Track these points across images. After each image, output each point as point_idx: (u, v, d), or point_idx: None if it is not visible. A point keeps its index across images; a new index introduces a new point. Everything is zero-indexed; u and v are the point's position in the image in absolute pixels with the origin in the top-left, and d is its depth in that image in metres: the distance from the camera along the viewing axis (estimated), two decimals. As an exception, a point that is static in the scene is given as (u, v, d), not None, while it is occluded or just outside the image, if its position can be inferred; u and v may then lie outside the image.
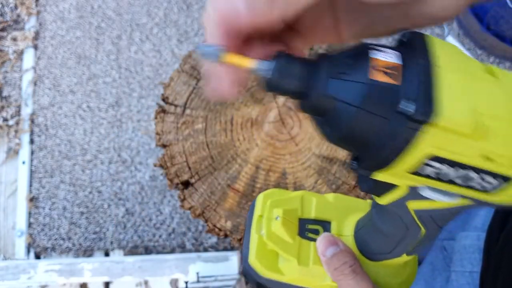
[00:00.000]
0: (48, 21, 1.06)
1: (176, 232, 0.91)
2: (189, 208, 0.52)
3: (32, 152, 0.98)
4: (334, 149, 0.53)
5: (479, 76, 0.21)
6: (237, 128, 0.54)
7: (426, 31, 1.05)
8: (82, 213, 0.94)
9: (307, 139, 0.54)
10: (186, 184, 0.53)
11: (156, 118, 0.55)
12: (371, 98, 0.19)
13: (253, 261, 0.35)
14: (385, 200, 0.26)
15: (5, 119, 1.00)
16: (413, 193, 0.24)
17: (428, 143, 0.19)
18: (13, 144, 0.98)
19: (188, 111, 0.55)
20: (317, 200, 0.37)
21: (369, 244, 0.33)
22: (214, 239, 0.90)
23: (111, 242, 0.92)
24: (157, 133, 0.54)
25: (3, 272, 0.82)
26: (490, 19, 0.92)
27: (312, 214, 0.37)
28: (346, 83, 0.20)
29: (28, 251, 0.93)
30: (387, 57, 0.20)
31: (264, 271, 0.35)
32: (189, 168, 0.53)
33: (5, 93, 1.02)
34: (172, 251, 0.90)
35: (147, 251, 0.91)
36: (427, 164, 0.20)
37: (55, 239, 0.93)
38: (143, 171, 0.95)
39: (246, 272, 0.36)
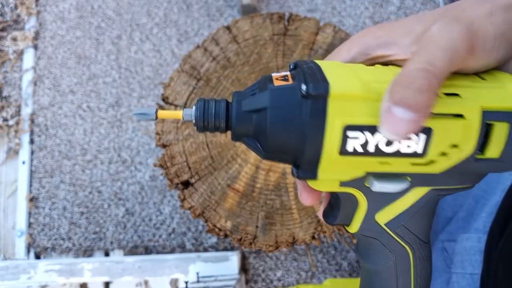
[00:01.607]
0: (48, 21, 1.06)
1: (176, 232, 0.91)
2: (189, 208, 0.52)
3: (32, 152, 0.98)
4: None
5: (359, 67, 0.25)
6: (237, 128, 0.54)
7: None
8: (82, 213, 0.94)
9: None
10: (186, 184, 0.53)
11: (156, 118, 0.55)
12: (276, 96, 0.23)
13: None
14: (355, 224, 0.27)
15: (5, 119, 1.00)
16: (371, 200, 0.26)
17: (335, 113, 0.22)
18: (13, 144, 0.98)
19: (188, 111, 0.55)
20: None
21: None
22: (214, 239, 0.90)
23: (111, 242, 0.92)
24: (157, 133, 0.54)
25: (3, 272, 0.82)
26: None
27: None
28: (256, 96, 0.24)
29: (28, 251, 0.93)
30: (281, 72, 0.26)
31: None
32: (189, 168, 0.53)
33: (5, 93, 1.02)
34: (172, 251, 0.90)
35: (147, 251, 0.91)
36: (348, 137, 0.23)
37: (55, 239, 0.93)
38: (143, 171, 0.95)
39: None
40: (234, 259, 0.80)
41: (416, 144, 0.23)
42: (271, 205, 0.52)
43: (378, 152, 0.23)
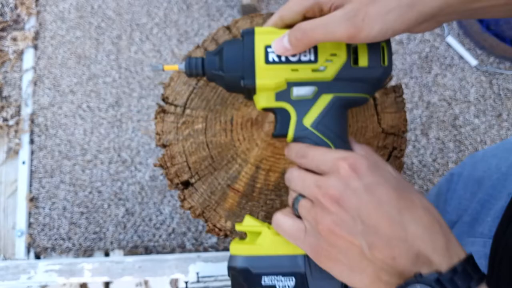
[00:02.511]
0: (48, 21, 1.06)
1: (176, 232, 0.91)
2: (189, 208, 0.52)
3: (32, 152, 0.98)
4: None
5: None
6: (237, 128, 0.54)
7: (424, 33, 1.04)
8: (82, 213, 0.94)
9: (307, 139, 0.54)
10: (186, 184, 0.53)
11: (156, 118, 0.55)
12: (228, 44, 0.38)
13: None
14: (291, 131, 0.39)
15: (5, 119, 1.00)
16: (297, 108, 0.38)
17: (259, 41, 0.37)
18: (13, 144, 0.98)
19: (188, 111, 0.55)
20: None
21: None
22: (214, 239, 0.90)
23: (111, 242, 0.92)
24: (157, 133, 0.54)
25: (3, 272, 0.82)
26: (490, 19, 0.92)
27: None
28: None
29: (28, 251, 0.93)
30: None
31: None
32: (189, 168, 0.53)
33: (5, 93, 1.02)
34: (172, 251, 0.90)
35: (147, 251, 0.91)
36: (268, 52, 0.36)
37: (55, 239, 0.93)
38: (143, 171, 0.95)
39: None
40: (234, 259, 0.80)
41: (309, 54, 0.36)
42: (271, 205, 0.52)
43: (288, 61, 0.36)
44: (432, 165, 0.94)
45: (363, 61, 0.35)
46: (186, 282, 0.78)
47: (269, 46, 0.36)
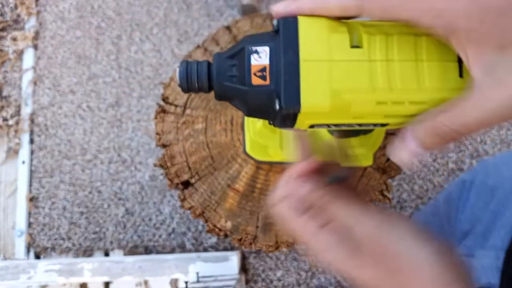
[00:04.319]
0: (48, 21, 1.06)
1: (176, 232, 0.91)
2: (189, 208, 0.52)
3: (32, 152, 0.98)
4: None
5: (341, 53, 0.25)
6: (237, 128, 0.54)
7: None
8: (82, 213, 0.94)
9: (307, 139, 0.54)
10: (186, 184, 0.53)
11: (156, 118, 0.55)
12: (254, 98, 0.26)
13: (249, 151, 0.49)
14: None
15: (5, 119, 1.00)
16: None
17: (303, 120, 0.26)
18: (13, 144, 0.98)
19: (188, 111, 0.55)
20: None
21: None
22: (214, 239, 0.90)
23: (111, 242, 0.92)
24: (157, 133, 0.54)
25: (3, 272, 0.82)
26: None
27: None
28: (236, 85, 0.26)
29: (28, 251, 0.93)
30: (259, 59, 0.26)
31: (258, 157, 0.49)
32: (189, 168, 0.53)
33: (5, 93, 1.02)
34: (172, 251, 0.90)
35: (147, 251, 0.91)
36: (313, 126, 0.28)
37: (55, 239, 0.93)
38: (143, 171, 0.95)
39: (248, 156, 0.49)
40: (234, 259, 0.80)
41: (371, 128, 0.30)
42: (271, 205, 0.52)
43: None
44: (432, 165, 0.94)
45: None
46: (186, 282, 0.78)
47: (316, 125, 0.28)
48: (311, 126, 0.28)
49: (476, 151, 0.94)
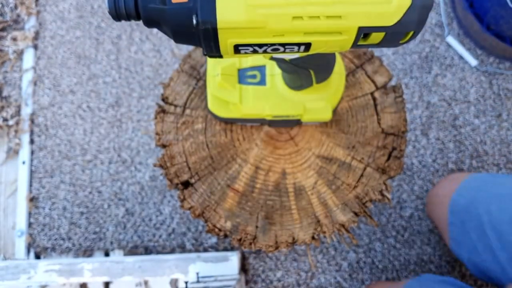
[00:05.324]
0: (48, 21, 1.06)
1: (176, 232, 0.91)
2: (189, 208, 0.52)
3: (32, 152, 0.98)
4: (333, 149, 0.53)
5: None
6: (236, 128, 0.54)
7: (427, 31, 1.03)
8: (82, 213, 0.94)
9: (307, 139, 0.54)
10: (186, 184, 0.53)
11: (156, 118, 0.55)
12: (174, 17, 0.27)
13: (211, 107, 0.50)
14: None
15: (5, 119, 1.00)
16: None
17: (225, 39, 0.27)
18: (13, 144, 0.98)
19: (188, 111, 0.55)
20: None
21: (288, 82, 0.45)
22: (214, 239, 0.90)
23: (111, 242, 0.92)
24: (157, 133, 0.54)
25: (3, 272, 0.82)
26: (490, 19, 0.92)
27: (249, 63, 0.48)
28: (158, 7, 0.27)
29: (28, 251, 0.93)
30: None
31: (220, 113, 0.49)
32: (189, 168, 0.53)
33: (5, 93, 1.02)
34: (172, 251, 0.90)
35: (147, 251, 0.91)
36: (240, 48, 0.29)
37: (55, 239, 0.93)
38: (143, 171, 0.95)
39: (211, 114, 0.51)
40: (234, 259, 0.80)
41: (296, 52, 0.30)
42: (271, 205, 0.52)
43: (265, 52, 0.30)
44: (432, 165, 0.94)
45: (374, 40, 0.30)
46: (186, 282, 0.78)
47: (242, 45, 0.28)
48: (236, 49, 0.29)
49: (476, 151, 0.94)
